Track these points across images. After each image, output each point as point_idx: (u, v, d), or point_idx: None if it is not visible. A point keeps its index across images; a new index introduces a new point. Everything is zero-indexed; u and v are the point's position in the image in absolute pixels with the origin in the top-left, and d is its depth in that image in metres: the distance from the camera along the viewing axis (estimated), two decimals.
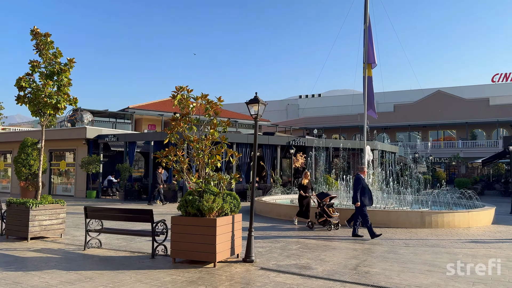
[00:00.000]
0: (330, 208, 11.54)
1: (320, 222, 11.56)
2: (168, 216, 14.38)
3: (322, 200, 11.55)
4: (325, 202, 11.50)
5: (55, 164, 26.05)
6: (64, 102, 10.17)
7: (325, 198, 11.60)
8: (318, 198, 11.73)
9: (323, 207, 11.46)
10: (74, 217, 14.25)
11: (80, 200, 21.58)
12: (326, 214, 11.36)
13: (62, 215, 10.14)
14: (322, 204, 11.49)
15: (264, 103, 7.74)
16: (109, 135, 23.38)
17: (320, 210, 11.54)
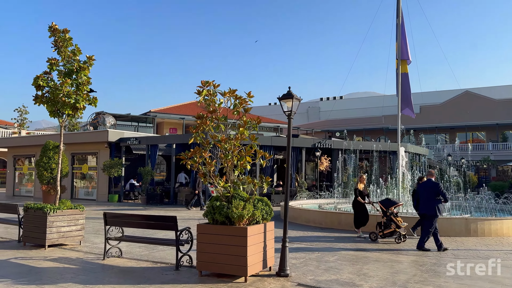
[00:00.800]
0: (398, 218, 10.29)
1: (387, 234, 10.21)
2: (192, 222, 13.88)
3: (388, 208, 10.27)
4: (392, 211, 10.25)
5: (77, 168, 25.90)
6: (83, 102, 9.66)
7: (391, 206, 10.32)
8: (383, 206, 10.41)
9: (390, 216, 10.17)
10: (95, 222, 13.78)
11: (102, 204, 21.24)
12: (395, 224, 10.08)
13: (81, 221, 9.61)
14: (389, 213, 10.21)
15: (299, 98, 6.97)
16: (131, 138, 23.03)
17: (386, 220, 10.23)
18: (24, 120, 44.27)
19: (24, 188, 28.68)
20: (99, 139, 23.44)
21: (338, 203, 16.60)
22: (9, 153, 29.03)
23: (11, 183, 28.74)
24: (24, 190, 28.56)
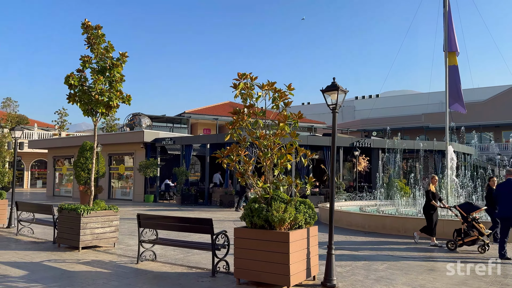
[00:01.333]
0: (480, 224, 9.18)
1: (467, 242, 9.07)
2: (228, 224, 13.47)
3: (469, 213, 9.18)
4: (473, 216, 9.15)
5: (114, 168, 26.21)
6: (116, 100, 9.41)
7: (473, 211, 9.24)
8: (464, 211, 9.29)
9: (471, 223, 9.07)
10: (130, 223, 13.62)
11: (138, 205, 21.29)
12: (477, 231, 8.99)
13: (115, 222, 9.36)
14: (470, 219, 9.10)
15: (345, 90, 6.31)
16: (165, 138, 22.99)
17: (467, 227, 9.11)
18: (64, 122, 45.70)
19: (63, 188, 29.41)
20: (135, 140, 23.57)
21: (380, 205, 15.71)
22: (49, 154, 29.86)
23: (51, 184, 29.55)
24: (63, 190, 29.28)
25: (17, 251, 8.47)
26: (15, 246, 9.09)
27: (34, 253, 8.35)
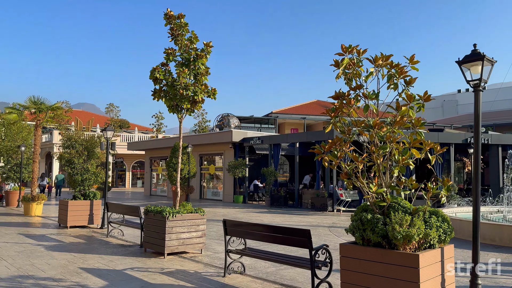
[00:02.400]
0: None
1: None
2: (322, 230, 12.10)
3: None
4: None
5: (205, 169, 26.38)
6: (201, 94, 8.65)
7: None
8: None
9: None
10: (219, 225, 12.94)
11: (227, 205, 20.91)
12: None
13: (202, 226, 8.59)
14: None
15: (492, 60, 4.59)
16: (253, 138, 22.33)
17: None
18: (160, 125, 48.15)
19: (160, 188, 30.55)
20: (224, 140, 23.32)
21: (508, 212, 12.98)
22: (146, 155, 31.27)
23: (149, 183, 30.88)
24: (159, 190, 30.41)
25: (103, 256, 8.10)
26: (102, 250, 8.80)
27: (119, 258, 7.90)
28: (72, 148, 12.29)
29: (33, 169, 15.81)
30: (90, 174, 12.40)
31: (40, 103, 15.66)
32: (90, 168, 12.45)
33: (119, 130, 46.89)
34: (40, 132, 15.93)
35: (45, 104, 15.78)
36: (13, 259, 7.55)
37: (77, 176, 12.23)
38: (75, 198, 12.35)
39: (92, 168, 12.48)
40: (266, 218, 15.36)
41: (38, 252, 8.27)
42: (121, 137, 43.36)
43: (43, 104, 15.72)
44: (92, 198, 12.33)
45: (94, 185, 12.88)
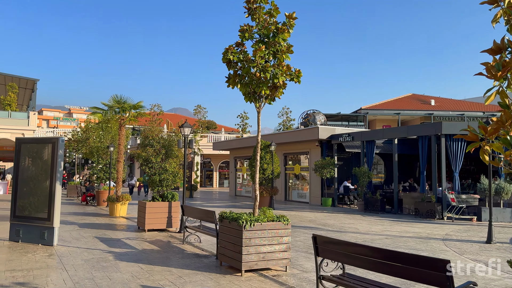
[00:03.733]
0: None
1: None
2: (435, 244, 9.67)
3: None
4: None
5: (289, 169, 24.88)
6: (282, 77, 7.10)
7: None
8: None
9: None
10: (306, 233, 11.32)
11: (315, 209, 19.13)
12: None
13: (286, 238, 7.03)
14: None
15: None
16: (343, 134, 20.22)
17: None
18: (245, 125, 47.91)
19: (244, 188, 29.82)
20: (310, 137, 21.56)
21: None
22: (231, 155, 30.78)
23: (233, 183, 30.33)
24: (244, 190, 29.68)
25: (172, 270, 6.95)
26: (174, 261, 7.69)
27: (190, 274, 6.67)
28: (150, 147, 11.60)
29: (117, 169, 15.74)
30: (168, 174, 11.60)
31: (123, 102, 15.52)
32: (168, 168, 11.65)
33: (206, 131, 47.66)
34: (124, 131, 15.83)
35: (128, 103, 15.60)
36: (75, 270, 6.74)
37: (155, 176, 11.51)
38: (153, 200, 11.66)
39: (170, 168, 11.66)
40: (361, 225, 13.29)
41: (105, 262, 7.42)
42: (208, 137, 43.93)
43: (126, 103, 15.56)
44: (170, 200, 11.52)
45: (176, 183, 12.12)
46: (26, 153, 9.43)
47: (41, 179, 9.15)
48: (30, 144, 9.48)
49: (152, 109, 44.57)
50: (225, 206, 20.52)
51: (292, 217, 15.38)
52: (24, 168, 9.40)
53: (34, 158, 9.40)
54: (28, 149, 9.43)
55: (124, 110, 15.71)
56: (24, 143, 9.49)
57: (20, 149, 9.42)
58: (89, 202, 20.89)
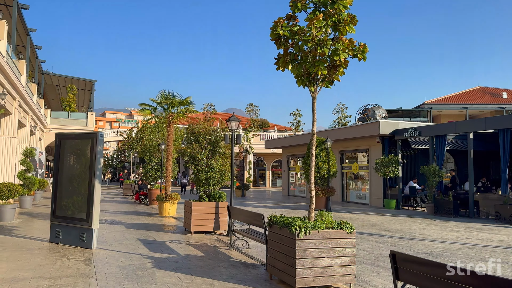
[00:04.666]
0: None
1: None
2: None
3: None
4: None
5: (346, 167, 23.22)
6: (344, 53, 5.83)
7: None
8: None
9: None
10: (371, 240, 9.88)
11: (376, 211, 17.43)
12: None
13: (350, 250, 5.76)
14: None
15: None
16: (408, 129, 18.30)
17: None
18: (298, 122, 46.52)
19: (298, 188, 28.53)
20: (370, 133, 19.82)
21: None
22: (284, 153, 29.62)
23: (286, 183, 29.15)
24: (298, 190, 28.39)
25: (215, 282, 5.96)
26: (218, 270, 6.70)
27: None
28: (195, 142, 10.77)
29: (166, 167, 15.19)
30: (215, 172, 10.70)
31: (172, 97, 14.94)
32: (215, 165, 10.75)
33: (258, 129, 46.88)
34: (172, 128, 15.25)
35: (177, 98, 15.00)
36: (106, 280, 5.95)
37: (200, 174, 10.66)
38: (199, 200, 10.83)
39: (217, 165, 10.76)
40: (433, 231, 11.56)
41: (142, 270, 6.60)
42: (261, 136, 43.11)
43: (174, 98, 14.96)
44: (217, 200, 10.61)
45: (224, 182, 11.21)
46: (66, 149, 8.94)
47: (80, 177, 8.60)
48: (69, 140, 8.98)
49: (205, 108, 44.60)
50: (278, 206, 19.40)
51: (352, 220, 13.91)
52: (64, 165, 8.92)
53: (73, 155, 8.89)
54: (68, 146, 8.94)
55: (173, 106, 15.13)
56: (64, 139, 9.01)
57: (60, 145, 8.95)
58: (142, 200, 20.75)
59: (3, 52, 12.63)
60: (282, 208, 18.32)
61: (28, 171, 16.99)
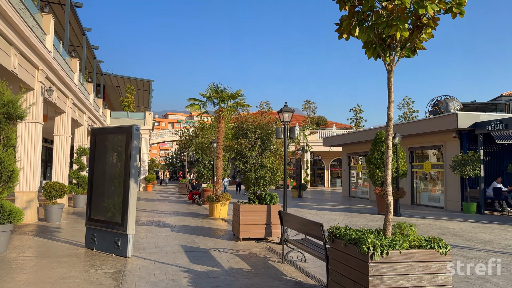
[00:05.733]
0: None
1: None
2: None
3: None
4: None
5: (417, 166, 20.84)
6: (433, 4, 4.22)
7: None
8: None
9: None
10: (456, 254, 7.99)
11: (454, 216, 15.11)
12: None
13: (443, 277, 4.17)
14: None
15: None
16: (492, 122, 15.74)
17: None
18: (359, 119, 43.95)
19: (360, 189, 26.44)
20: (445, 127, 17.43)
21: None
22: (344, 151, 27.65)
23: (347, 183, 27.16)
24: (360, 191, 26.31)
25: None
26: None
27: None
28: (243, 137, 9.55)
29: (216, 166, 14.17)
30: (265, 171, 9.41)
31: (221, 91, 13.88)
32: (266, 163, 9.45)
33: (315, 127, 44.99)
34: (222, 124, 14.20)
35: (226, 92, 13.92)
36: None
37: (250, 173, 9.41)
38: (249, 202, 9.59)
39: (268, 163, 9.45)
40: None
41: None
42: (318, 134, 41.24)
43: (224, 92, 13.89)
44: (269, 202, 9.30)
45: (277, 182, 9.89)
46: (101, 145, 8.12)
47: (115, 176, 7.72)
48: (105, 135, 8.15)
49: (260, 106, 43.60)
50: (338, 209, 17.68)
51: (428, 228, 11.94)
52: (99, 163, 8.10)
53: (108, 151, 8.04)
54: (103, 141, 8.11)
55: (222, 100, 14.07)
56: (99, 133, 8.19)
57: (95, 141, 8.15)
58: (196, 200, 20.07)
59: (49, 47, 12.32)
60: (343, 212, 16.60)
61: (81, 169, 16.87)
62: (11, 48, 9.68)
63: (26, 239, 8.89)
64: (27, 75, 11.02)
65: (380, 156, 15.45)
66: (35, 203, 11.72)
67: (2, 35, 9.11)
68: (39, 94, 11.96)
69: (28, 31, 10.09)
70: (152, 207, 17.50)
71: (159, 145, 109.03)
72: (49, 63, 12.27)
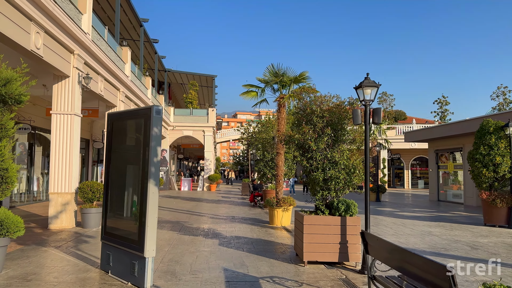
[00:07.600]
0: None
1: None
2: None
3: None
4: None
5: None
6: None
7: None
8: None
9: None
10: None
11: None
12: None
13: None
14: None
15: None
16: None
17: None
18: (445, 112, 38.91)
19: (451, 191, 22.44)
20: None
21: None
22: (430, 148, 23.76)
23: (435, 185, 23.26)
24: (451, 194, 22.32)
25: None
26: None
27: None
28: (307, 124, 7.11)
29: (277, 163, 11.87)
30: (339, 170, 6.88)
31: (282, 74, 11.55)
32: (338, 159, 6.92)
33: (393, 122, 40.76)
34: (284, 114, 11.85)
35: (288, 75, 11.55)
36: None
37: (316, 172, 6.95)
38: (316, 212, 7.14)
39: (342, 159, 6.91)
40: None
41: None
42: (397, 129, 37.12)
43: (285, 75, 11.54)
44: (344, 213, 6.76)
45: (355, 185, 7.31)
46: (118, 135, 6.22)
47: (130, 176, 5.76)
48: (122, 122, 6.21)
49: None
50: (428, 218, 14.37)
51: None
52: (114, 158, 6.20)
53: (124, 142, 6.11)
54: (120, 130, 6.19)
55: (284, 86, 11.73)
56: (116, 120, 6.26)
57: (112, 130, 6.26)
58: (258, 202, 17.97)
59: (85, 28, 10.90)
60: (436, 221, 13.34)
61: None
62: (31, 24, 8.22)
63: (40, 253, 7.32)
64: (57, 59, 9.60)
65: (488, 151, 12.00)
66: (71, 206, 10.35)
67: (19, 8, 7.65)
68: (76, 82, 10.57)
69: (55, 7, 8.60)
70: (208, 210, 15.70)
71: (228, 144, 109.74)
72: (87, 47, 10.85)
